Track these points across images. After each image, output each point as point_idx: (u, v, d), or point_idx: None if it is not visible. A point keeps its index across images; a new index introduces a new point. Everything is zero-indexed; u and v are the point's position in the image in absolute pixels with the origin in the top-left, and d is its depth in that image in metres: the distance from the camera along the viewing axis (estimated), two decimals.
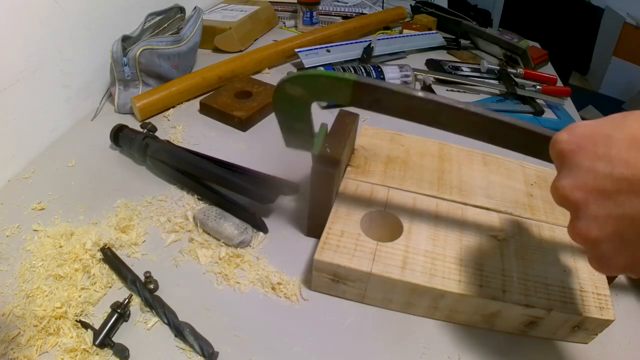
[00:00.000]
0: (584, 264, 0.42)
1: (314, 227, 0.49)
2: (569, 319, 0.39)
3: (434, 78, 0.84)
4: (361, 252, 0.42)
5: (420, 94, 0.38)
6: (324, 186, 0.45)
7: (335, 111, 0.68)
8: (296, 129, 0.47)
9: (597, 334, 0.40)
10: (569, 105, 0.83)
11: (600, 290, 0.40)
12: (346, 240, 0.43)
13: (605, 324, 0.39)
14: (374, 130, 0.57)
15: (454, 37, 1.03)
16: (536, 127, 0.36)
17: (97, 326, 0.39)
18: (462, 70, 0.88)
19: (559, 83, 0.90)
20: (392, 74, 0.77)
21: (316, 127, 0.47)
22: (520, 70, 0.86)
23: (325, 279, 0.43)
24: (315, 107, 0.44)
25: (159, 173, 0.59)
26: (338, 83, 0.38)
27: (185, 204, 0.54)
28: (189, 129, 0.68)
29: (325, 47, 0.88)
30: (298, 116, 0.44)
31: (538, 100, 0.81)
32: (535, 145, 0.36)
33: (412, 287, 0.40)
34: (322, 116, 0.46)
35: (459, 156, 0.54)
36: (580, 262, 0.43)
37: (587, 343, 0.41)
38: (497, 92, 0.82)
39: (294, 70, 0.87)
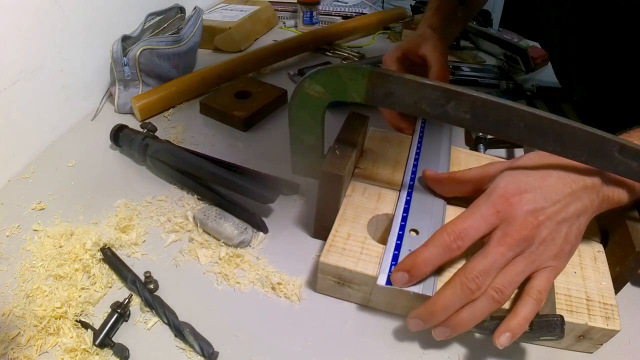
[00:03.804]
0: (591, 272, 0.42)
1: (320, 229, 0.49)
2: (575, 328, 0.38)
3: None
4: (367, 255, 0.41)
5: (435, 82, 0.38)
6: (332, 189, 0.45)
7: (337, 112, 0.68)
8: (308, 145, 0.48)
9: (602, 344, 0.40)
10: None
11: (607, 299, 0.40)
12: (352, 243, 0.42)
13: (610, 334, 0.38)
14: (383, 133, 0.56)
15: None
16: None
17: (97, 326, 0.39)
18: (462, 70, 0.88)
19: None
20: None
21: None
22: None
23: (331, 282, 0.43)
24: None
25: (159, 173, 0.59)
26: (355, 75, 0.40)
27: (185, 204, 0.54)
28: (189, 129, 0.68)
29: None
30: (313, 124, 0.45)
31: (534, 101, 0.81)
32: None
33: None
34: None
35: (468, 161, 0.53)
36: (588, 270, 0.42)
37: (591, 352, 0.41)
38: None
39: (295, 71, 0.87)
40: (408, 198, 0.46)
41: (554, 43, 0.66)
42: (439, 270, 0.39)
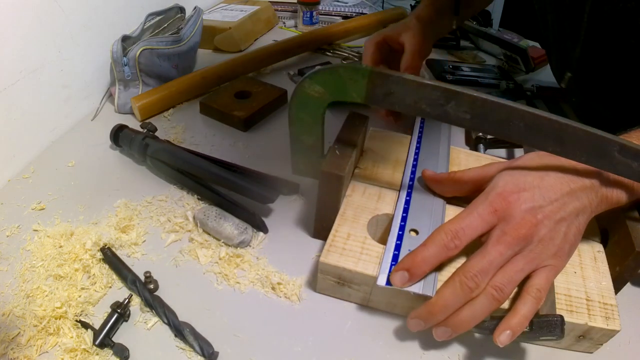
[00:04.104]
0: (591, 272, 0.42)
1: (320, 229, 0.49)
2: (575, 328, 0.38)
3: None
4: (367, 255, 0.41)
5: (435, 82, 0.38)
6: (332, 189, 0.45)
7: (337, 112, 0.68)
8: (308, 145, 0.48)
9: (602, 344, 0.40)
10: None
11: (607, 299, 0.40)
12: (352, 243, 0.42)
13: (610, 334, 0.38)
14: (383, 133, 0.56)
15: (453, 36, 1.03)
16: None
17: (97, 326, 0.39)
18: (462, 70, 0.88)
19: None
20: None
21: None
22: None
23: (331, 282, 0.43)
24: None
25: (159, 173, 0.59)
26: (355, 75, 0.40)
27: (185, 204, 0.54)
28: (189, 129, 0.68)
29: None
30: (312, 124, 0.46)
31: (534, 101, 0.81)
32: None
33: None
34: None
35: (468, 161, 0.53)
36: (588, 270, 0.42)
37: (591, 352, 0.41)
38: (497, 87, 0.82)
39: (295, 71, 0.87)
40: (408, 198, 0.46)
41: (551, 47, 0.66)
42: (439, 270, 0.40)
